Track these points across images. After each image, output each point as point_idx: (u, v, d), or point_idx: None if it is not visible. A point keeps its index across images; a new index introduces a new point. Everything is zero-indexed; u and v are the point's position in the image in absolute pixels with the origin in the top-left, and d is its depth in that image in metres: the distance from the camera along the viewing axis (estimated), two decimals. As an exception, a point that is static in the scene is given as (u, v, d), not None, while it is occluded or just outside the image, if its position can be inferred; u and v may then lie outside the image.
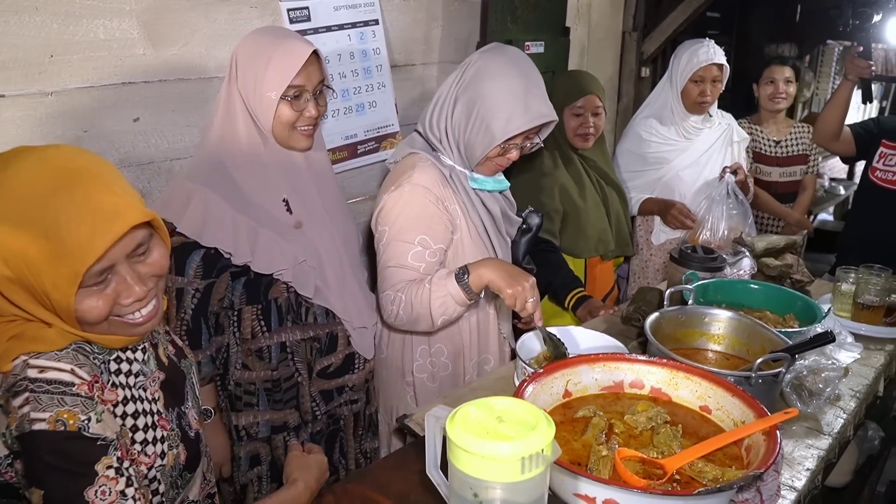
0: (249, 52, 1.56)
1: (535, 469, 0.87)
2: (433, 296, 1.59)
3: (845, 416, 1.56)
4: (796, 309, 1.82)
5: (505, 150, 1.66)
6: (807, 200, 3.18)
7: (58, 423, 0.91)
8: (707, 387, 1.36)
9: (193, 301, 1.54)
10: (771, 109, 3.06)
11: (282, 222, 1.58)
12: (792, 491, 1.29)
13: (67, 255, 0.91)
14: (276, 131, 1.57)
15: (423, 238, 1.63)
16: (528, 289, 1.54)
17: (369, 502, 1.19)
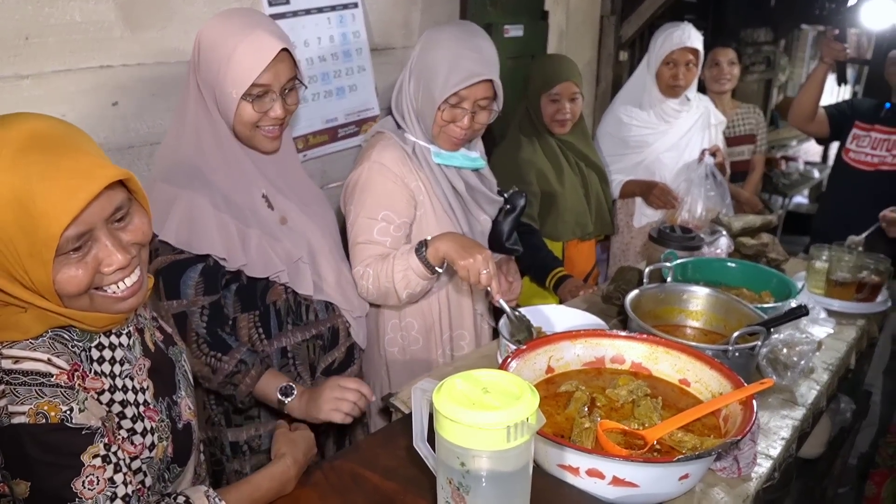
0: (211, 40, 1.43)
1: (520, 437, 0.90)
2: (396, 269, 1.61)
3: (819, 388, 1.61)
4: (772, 286, 1.87)
5: (453, 117, 1.66)
6: (756, 179, 3.25)
7: (38, 416, 0.88)
8: (686, 360, 1.39)
9: (203, 318, 1.41)
10: (716, 91, 3.11)
11: (267, 220, 1.50)
12: (768, 459, 1.34)
13: (42, 218, 0.85)
14: (237, 130, 1.47)
15: (386, 214, 1.67)
16: (481, 260, 1.52)
17: (358, 478, 1.20)
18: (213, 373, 1.40)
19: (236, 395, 1.43)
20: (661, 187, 2.64)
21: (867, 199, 2.43)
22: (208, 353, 1.40)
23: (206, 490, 1.05)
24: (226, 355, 1.40)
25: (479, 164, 1.83)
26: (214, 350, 1.40)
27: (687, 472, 1.12)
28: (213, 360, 1.40)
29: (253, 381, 1.42)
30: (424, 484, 1.15)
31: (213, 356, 1.40)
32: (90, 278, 0.93)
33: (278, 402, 1.42)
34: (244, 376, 1.41)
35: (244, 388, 1.42)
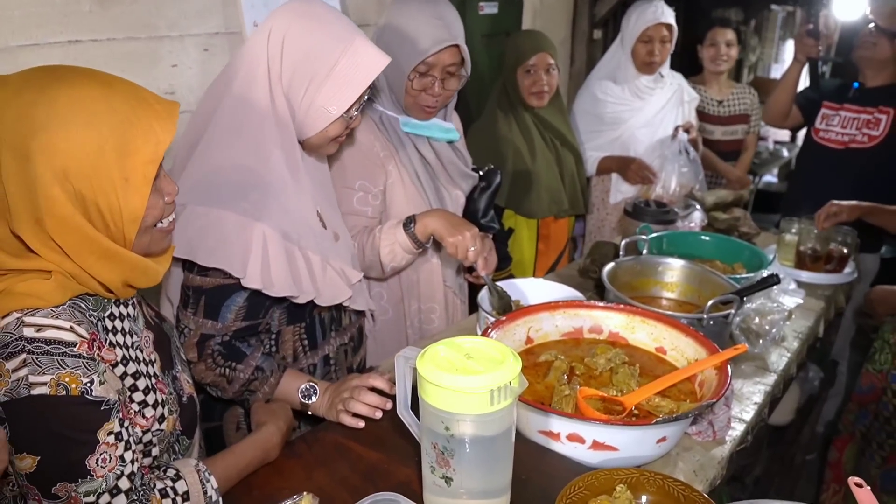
0: (305, 49, 1.26)
1: (503, 401, 0.91)
2: (382, 244, 1.62)
3: (789, 355, 1.65)
4: (744, 258, 1.91)
5: (423, 86, 1.66)
6: (748, 159, 3.31)
7: (59, 388, 0.87)
8: (662, 329, 1.42)
9: (226, 338, 1.31)
10: (714, 71, 3.15)
11: (323, 240, 1.40)
12: (741, 423, 1.37)
13: (138, 148, 0.90)
14: (311, 142, 1.36)
15: (362, 183, 1.66)
16: (469, 237, 1.55)
17: (342, 448, 1.21)
18: (229, 383, 1.30)
19: (252, 401, 1.33)
20: (639, 162, 2.67)
21: (837, 177, 2.48)
22: (223, 364, 1.30)
23: (195, 463, 1.06)
24: (240, 364, 1.30)
25: (453, 135, 1.82)
26: (228, 360, 1.30)
27: (664, 435, 1.15)
28: (227, 371, 1.30)
29: (272, 387, 1.32)
30: (409, 452, 1.17)
31: (228, 366, 1.30)
32: (162, 208, 0.98)
33: (301, 404, 1.32)
34: (262, 384, 1.31)
35: (262, 396, 1.32)
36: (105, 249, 0.92)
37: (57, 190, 0.86)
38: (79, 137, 0.86)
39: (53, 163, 0.85)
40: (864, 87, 2.61)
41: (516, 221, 2.45)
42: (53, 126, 0.85)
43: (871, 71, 2.56)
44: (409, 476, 1.13)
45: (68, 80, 0.89)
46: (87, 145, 0.87)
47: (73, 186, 0.87)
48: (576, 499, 1.00)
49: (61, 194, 0.86)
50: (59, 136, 0.85)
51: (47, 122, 0.85)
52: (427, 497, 1.04)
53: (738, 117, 3.23)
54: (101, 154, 0.87)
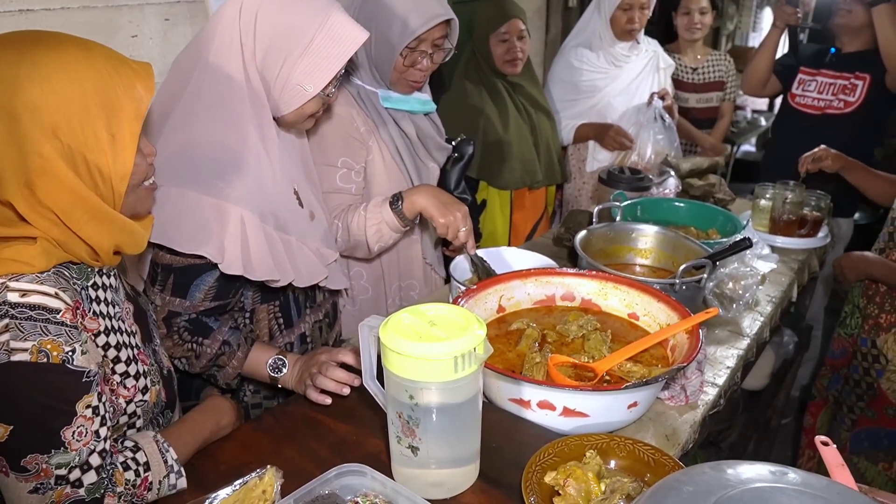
0: (279, 24, 1.21)
1: (468, 367, 0.89)
2: (368, 223, 1.57)
3: (762, 320, 1.65)
4: (718, 224, 1.90)
5: (413, 61, 1.61)
6: (724, 126, 3.30)
7: (40, 354, 0.87)
8: (635, 295, 1.42)
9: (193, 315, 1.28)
10: (688, 39, 3.13)
11: (300, 219, 1.38)
12: (714, 387, 1.37)
13: (122, 104, 0.91)
14: (287, 119, 1.31)
15: (344, 160, 1.61)
16: (461, 218, 1.52)
17: (310, 421, 1.19)
18: (197, 357, 1.27)
19: (220, 376, 1.31)
20: (616, 128, 2.65)
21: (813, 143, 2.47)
22: (190, 339, 1.27)
23: (153, 435, 1.05)
24: (207, 339, 1.27)
25: (430, 107, 1.79)
26: (195, 335, 1.27)
27: (635, 400, 1.14)
28: (195, 346, 1.27)
29: (240, 361, 1.29)
30: (378, 423, 1.15)
31: (195, 341, 1.27)
32: (146, 167, 0.99)
33: (270, 378, 1.30)
34: (230, 358, 1.29)
35: (230, 371, 1.29)
36: (96, 209, 0.92)
37: (48, 147, 0.86)
38: (64, 94, 0.86)
39: (41, 120, 0.85)
40: (841, 52, 2.60)
41: (489, 193, 2.42)
42: (38, 84, 0.86)
43: (848, 37, 2.55)
44: (378, 447, 1.12)
45: (46, 41, 0.89)
46: (73, 102, 0.87)
47: (63, 142, 0.87)
48: (545, 465, 0.99)
49: (52, 151, 0.87)
50: (45, 94, 0.86)
51: (31, 80, 0.85)
52: (395, 468, 1.02)
53: (713, 84, 3.21)
54: (87, 110, 0.88)
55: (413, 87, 1.69)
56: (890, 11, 2.30)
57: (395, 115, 1.71)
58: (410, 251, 1.84)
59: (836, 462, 0.84)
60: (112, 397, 1.00)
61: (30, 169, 0.86)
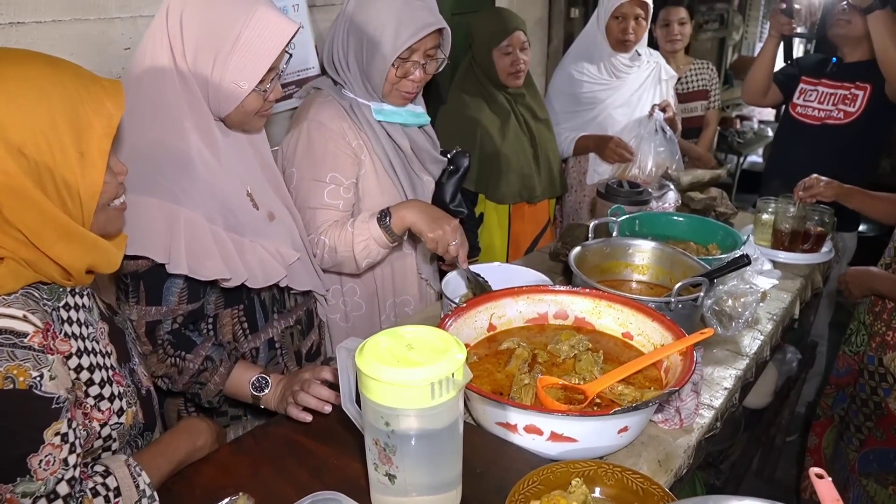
0: (204, 23, 1.20)
1: (445, 394, 0.86)
2: (356, 239, 1.55)
3: (762, 338, 1.61)
4: (718, 238, 1.86)
5: (405, 72, 1.59)
6: (710, 136, 3.27)
7: (6, 381, 0.85)
8: (629, 313, 1.38)
9: (175, 324, 1.27)
10: (668, 50, 3.11)
11: (256, 220, 1.36)
12: (710, 409, 1.33)
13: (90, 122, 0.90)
14: (232, 118, 1.30)
15: (333, 175, 1.59)
16: (450, 232, 1.50)
17: (291, 443, 1.16)
18: (179, 373, 1.26)
19: (202, 394, 1.29)
20: (617, 140, 2.62)
21: (813, 153, 2.44)
22: (173, 353, 1.26)
23: (125, 458, 1.02)
24: (190, 353, 1.26)
25: (424, 119, 1.76)
26: (178, 349, 1.26)
27: (626, 425, 1.10)
28: (178, 361, 1.26)
29: (222, 378, 1.28)
30: (358, 446, 1.11)
31: (178, 356, 1.26)
32: (116, 185, 0.98)
33: (252, 397, 1.28)
34: (212, 374, 1.27)
35: (212, 388, 1.28)
36: (65, 227, 0.90)
37: (13, 165, 0.85)
38: (31, 112, 0.86)
39: (7, 137, 0.84)
40: (843, 62, 2.57)
41: (486, 206, 2.39)
42: (3, 102, 0.85)
43: (848, 48, 2.52)
44: (358, 471, 1.08)
45: (14, 59, 0.89)
46: (41, 119, 0.86)
47: (29, 159, 0.86)
48: (529, 494, 0.96)
49: (18, 169, 0.85)
50: (12, 112, 0.85)
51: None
52: (374, 495, 0.99)
53: (697, 93, 3.18)
54: (55, 128, 0.87)
55: (406, 98, 1.66)
56: (885, 18, 2.26)
57: (389, 127, 1.68)
58: (405, 266, 1.81)
59: (832, 497, 0.80)
60: (85, 421, 0.98)
61: None
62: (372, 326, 1.81)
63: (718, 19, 5.77)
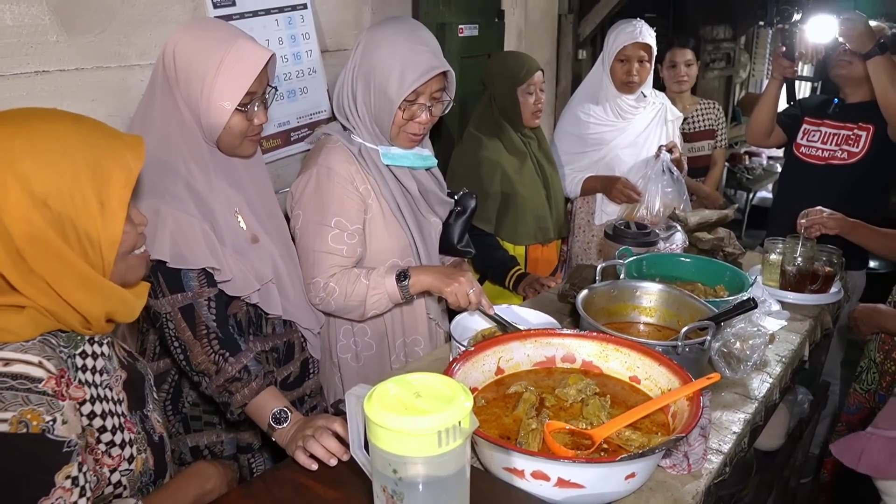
0: (193, 54, 1.39)
1: (452, 442, 0.87)
2: (370, 292, 1.61)
3: (771, 381, 1.61)
4: (725, 280, 1.87)
5: (412, 115, 1.64)
6: (717, 175, 3.30)
7: (20, 425, 0.87)
8: (636, 357, 1.39)
9: (212, 311, 1.38)
10: (675, 91, 3.15)
11: (238, 237, 1.48)
12: (718, 454, 1.33)
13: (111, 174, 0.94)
14: (223, 141, 1.45)
15: (338, 220, 1.63)
16: (466, 282, 1.59)
17: (300, 488, 1.17)
18: (217, 373, 1.34)
19: (231, 403, 1.36)
20: (624, 181, 2.65)
21: (819, 193, 2.45)
22: (218, 350, 1.35)
23: (135, 502, 1.03)
24: (233, 356, 1.36)
25: (431, 162, 1.80)
26: (224, 348, 1.36)
27: (633, 471, 1.11)
28: (220, 359, 1.35)
29: (252, 392, 1.35)
30: (367, 491, 1.12)
31: (222, 354, 1.35)
32: (136, 235, 1.03)
33: (268, 426, 1.33)
34: (244, 385, 1.34)
35: (240, 398, 1.35)
36: (85, 276, 0.94)
37: (37, 215, 0.89)
38: (55, 165, 0.91)
39: (33, 189, 0.89)
40: (845, 102, 2.60)
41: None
42: (30, 155, 0.89)
43: (850, 88, 2.55)
44: (367, 518, 1.09)
45: (42, 116, 0.95)
46: (65, 172, 0.91)
47: (52, 212, 0.90)
48: (536, 542, 0.96)
49: (41, 219, 0.89)
50: (36, 164, 0.89)
51: (24, 152, 0.89)
52: (381, 541, 0.99)
53: (704, 133, 3.22)
54: (77, 179, 0.91)
55: (413, 140, 1.70)
56: (885, 63, 2.29)
57: (397, 171, 1.72)
58: (414, 307, 1.83)
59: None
60: (96, 467, 0.99)
61: (20, 237, 0.88)
62: (382, 366, 1.82)
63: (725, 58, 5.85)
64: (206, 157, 1.44)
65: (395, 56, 1.60)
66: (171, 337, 1.37)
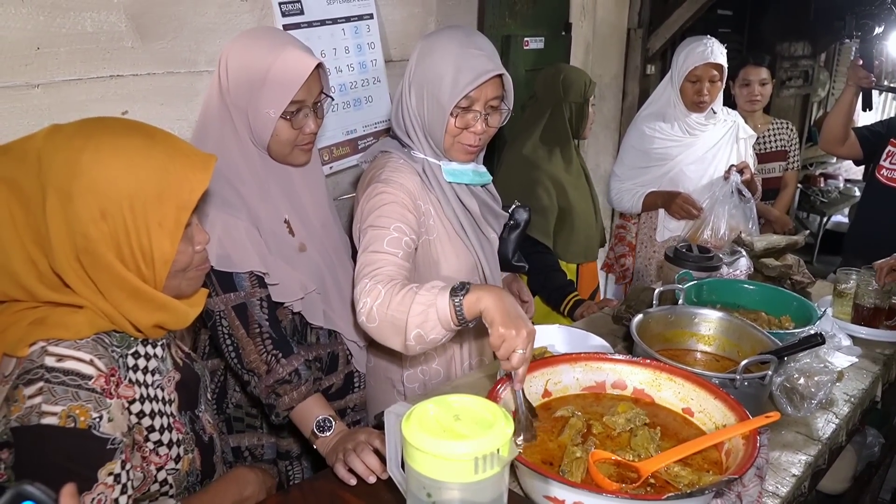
0: (242, 62, 1.41)
1: (489, 469, 0.85)
2: (417, 300, 1.30)
3: (837, 422, 1.51)
4: (792, 310, 1.78)
5: (466, 124, 1.54)
6: (788, 198, 3.15)
7: (68, 419, 0.90)
8: (690, 388, 1.33)
9: (264, 311, 1.41)
10: (748, 110, 3.03)
11: (286, 246, 1.49)
12: (775, 498, 1.25)
13: (173, 194, 0.96)
14: (273, 149, 1.47)
15: (398, 226, 1.49)
16: (524, 337, 1.21)
17: (336, 499, 1.16)
18: (268, 372, 1.36)
19: (277, 406, 1.37)
20: (684, 196, 2.57)
21: (899, 222, 2.32)
22: (271, 349, 1.37)
23: (174, 503, 1.04)
24: (285, 358, 1.38)
25: (486, 178, 1.74)
26: (277, 348, 1.38)
27: (680, 510, 1.05)
28: (272, 359, 1.37)
29: (300, 396, 1.37)
30: (403, 510, 1.11)
31: (274, 355, 1.37)
32: (192, 254, 1.04)
33: (311, 433, 1.34)
34: (293, 389, 1.36)
35: (286, 401, 1.36)
36: (135, 289, 0.96)
37: (93, 229, 0.92)
38: (118, 182, 0.93)
39: (92, 203, 0.92)
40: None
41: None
42: (95, 170, 0.92)
43: None
44: (401, 537, 1.07)
45: (114, 130, 0.97)
46: (125, 189, 0.93)
47: (108, 226, 0.93)
48: (573, 578, 0.92)
49: (97, 234, 0.92)
50: (100, 180, 0.92)
51: (90, 166, 0.92)
52: (414, 564, 0.97)
53: (776, 154, 3.08)
54: (138, 198, 0.94)
55: (469, 152, 1.60)
56: None
57: (458, 189, 1.65)
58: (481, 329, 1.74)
59: None
60: (143, 464, 1.01)
61: (77, 245, 0.92)
62: None
63: (802, 76, 5.62)
64: (257, 165, 1.46)
65: (447, 60, 1.51)
66: (224, 334, 1.39)
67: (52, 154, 0.92)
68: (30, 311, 0.95)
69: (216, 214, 1.36)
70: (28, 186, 0.92)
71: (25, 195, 0.92)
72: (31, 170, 0.92)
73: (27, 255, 0.93)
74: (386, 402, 1.72)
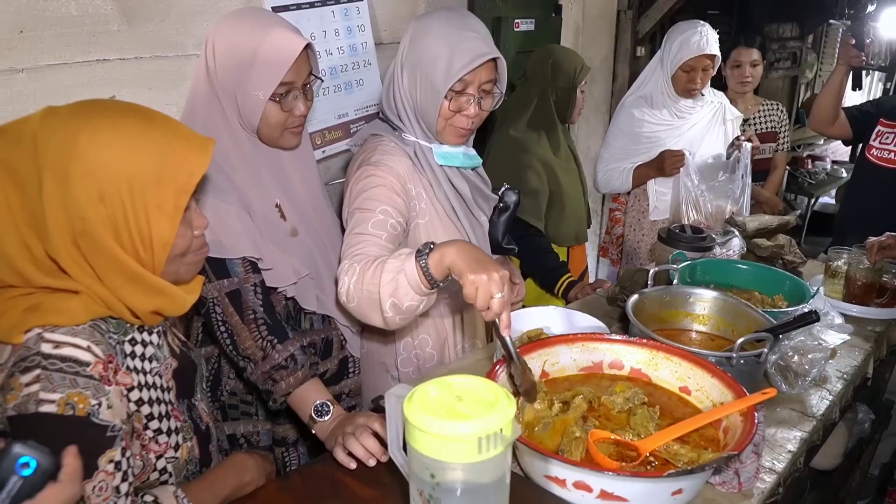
0: (229, 44, 1.39)
1: (493, 449, 0.84)
2: (385, 268, 1.28)
3: (831, 398, 1.53)
4: (785, 289, 1.79)
5: (459, 107, 1.53)
6: (778, 179, 3.17)
7: (67, 407, 0.88)
8: (687, 367, 1.33)
9: (258, 297, 1.40)
10: (739, 91, 3.03)
11: (278, 230, 1.47)
12: (772, 473, 1.26)
13: (172, 177, 0.94)
14: (262, 132, 1.45)
15: (384, 209, 1.49)
16: (497, 281, 1.16)
17: (337, 484, 1.16)
18: (263, 359, 1.35)
19: (274, 391, 1.36)
20: (668, 151, 2.57)
21: (890, 199, 2.33)
22: (266, 335, 1.36)
23: (174, 490, 1.04)
24: (281, 344, 1.37)
25: (476, 161, 1.73)
26: (272, 334, 1.37)
27: (680, 488, 1.06)
28: (267, 345, 1.36)
29: (297, 381, 1.36)
30: (403, 492, 1.10)
31: (270, 341, 1.36)
32: (191, 238, 1.02)
33: (309, 418, 1.33)
34: (289, 374, 1.35)
35: (284, 387, 1.35)
36: (133, 273, 0.94)
37: (91, 213, 0.90)
38: (116, 164, 0.91)
39: (89, 186, 0.90)
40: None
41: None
42: (93, 152, 0.90)
43: None
44: (403, 518, 1.07)
45: (111, 111, 0.95)
46: (123, 172, 0.91)
47: (106, 210, 0.91)
48: (576, 556, 0.92)
49: (95, 217, 0.90)
50: (98, 162, 0.90)
51: (88, 148, 0.90)
52: (417, 545, 0.97)
53: (766, 135, 3.08)
54: (136, 180, 0.92)
55: (461, 134, 1.60)
56: None
57: (449, 171, 1.65)
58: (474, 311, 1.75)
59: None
60: (143, 452, 1.00)
61: (74, 229, 0.90)
62: None
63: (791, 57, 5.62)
64: (247, 149, 1.44)
65: (442, 43, 1.49)
66: (218, 321, 1.37)
67: (48, 136, 0.90)
68: (24, 297, 0.93)
69: (206, 200, 1.34)
70: (23, 169, 0.90)
71: (21, 178, 0.90)
72: (26, 152, 0.90)
73: (21, 239, 0.91)
74: (380, 388, 1.73)
